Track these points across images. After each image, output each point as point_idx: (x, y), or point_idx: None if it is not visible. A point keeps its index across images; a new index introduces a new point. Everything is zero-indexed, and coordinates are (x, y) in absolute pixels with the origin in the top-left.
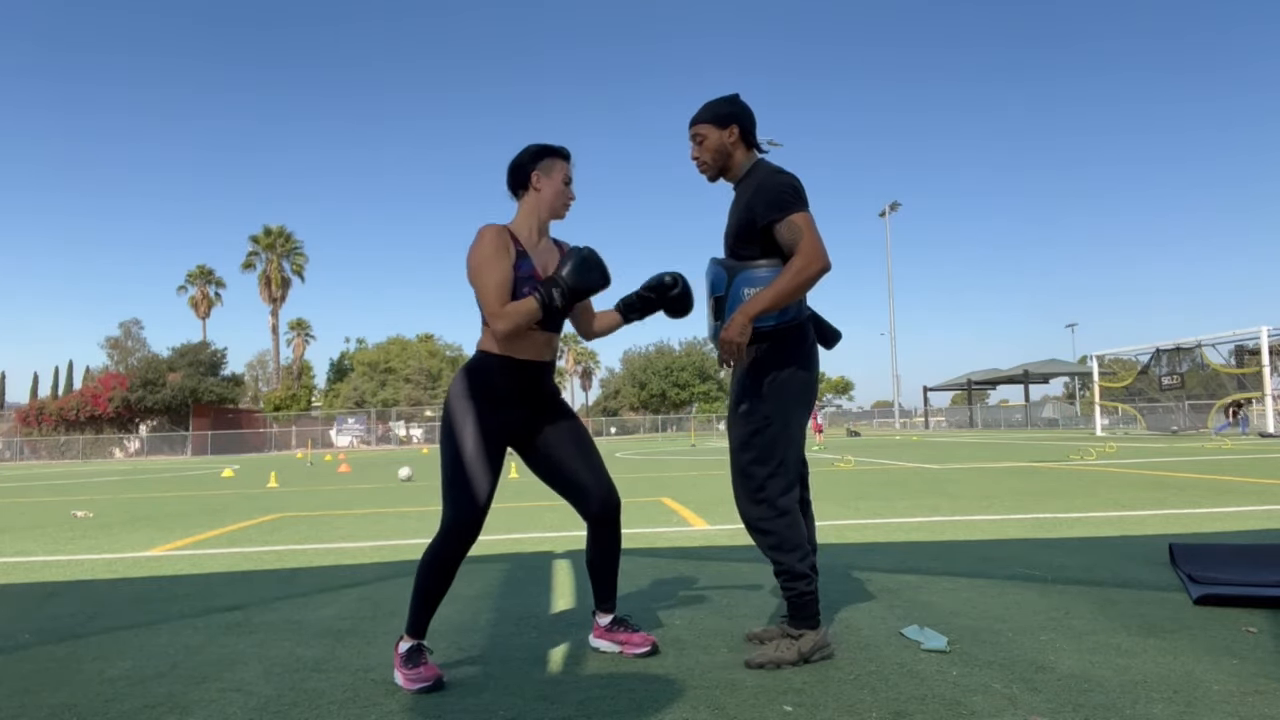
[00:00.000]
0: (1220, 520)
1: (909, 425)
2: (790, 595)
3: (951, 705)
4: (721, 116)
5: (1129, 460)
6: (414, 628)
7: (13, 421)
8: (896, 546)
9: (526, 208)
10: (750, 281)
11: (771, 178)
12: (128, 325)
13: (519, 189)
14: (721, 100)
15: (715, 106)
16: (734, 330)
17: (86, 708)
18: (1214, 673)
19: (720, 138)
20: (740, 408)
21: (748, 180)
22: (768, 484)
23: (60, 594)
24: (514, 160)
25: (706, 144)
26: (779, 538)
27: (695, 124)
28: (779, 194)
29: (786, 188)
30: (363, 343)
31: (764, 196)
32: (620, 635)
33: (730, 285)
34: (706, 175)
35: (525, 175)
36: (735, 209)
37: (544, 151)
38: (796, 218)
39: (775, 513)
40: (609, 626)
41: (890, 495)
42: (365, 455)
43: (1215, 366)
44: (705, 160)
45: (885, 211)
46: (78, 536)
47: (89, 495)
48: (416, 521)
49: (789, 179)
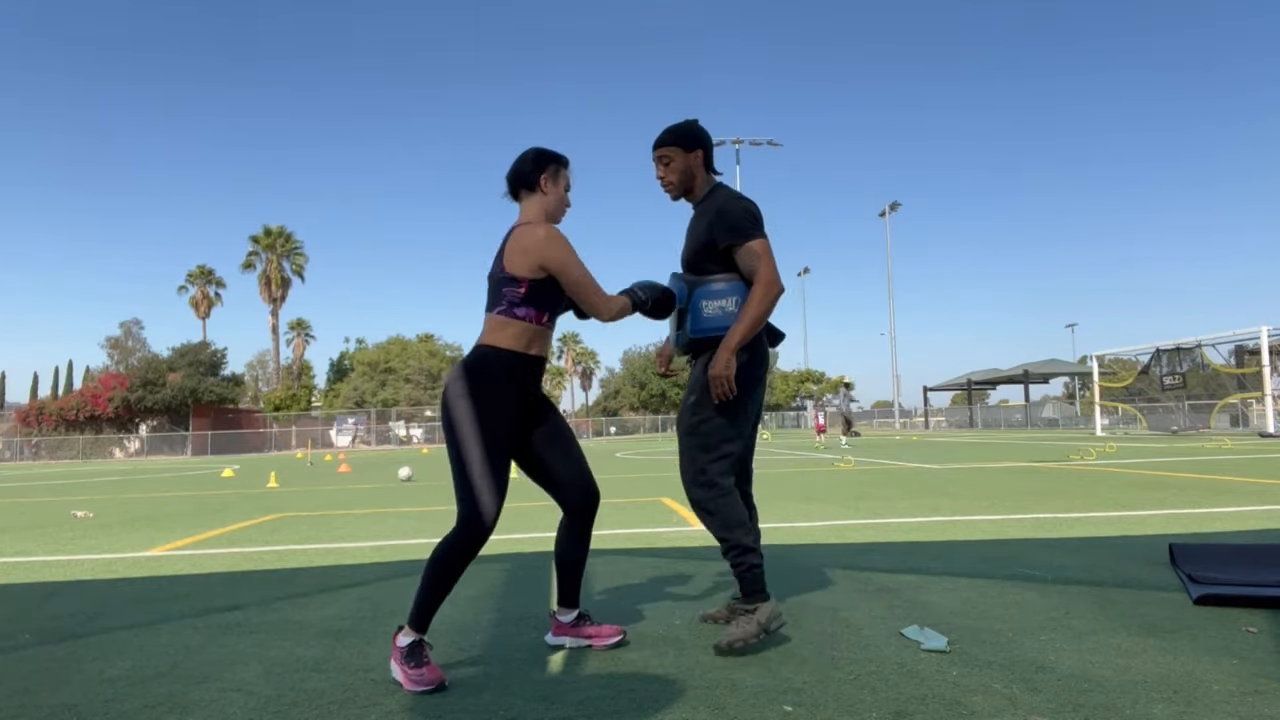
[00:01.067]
0: (1220, 520)
1: (909, 425)
2: (741, 570)
3: (951, 705)
4: (688, 140)
5: (1129, 460)
6: (418, 621)
7: (13, 421)
8: (896, 546)
9: (534, 209)
10: (709, 294)
11: (732, 203)
12: (128, 325)
13: (524, 190)
14: (686, 124)
15: (681, 130)
16: (720, 366)
17: (86, 708)
18: (1214, 673)
19: (687, 160)
20: (691, 399)
21: (708, 202)
22: (709, 468)
23: (60, 594)
24: (519, 162)
25: (673, 165)
26: (724, 516)
27: (662, 146)
28: (739, 220)
29: (746, 214)
30: (362, 343)
31: (725, 221)
32: (588, 629)
33: (690, 297)
34: (671, 195)
35: (533, 178)
36: (696, 229)
37: (550, 157)
38: (755, 244)
39: (719, 493)
40: (574, 622)
41: (890, 495)
42: (365, 455)
43: (1215, 366)
44: (672, 181)
45: (885, 211)
46: (78, 536)
47: (89, 495)
48: (417, 521)
49: (748, 205)
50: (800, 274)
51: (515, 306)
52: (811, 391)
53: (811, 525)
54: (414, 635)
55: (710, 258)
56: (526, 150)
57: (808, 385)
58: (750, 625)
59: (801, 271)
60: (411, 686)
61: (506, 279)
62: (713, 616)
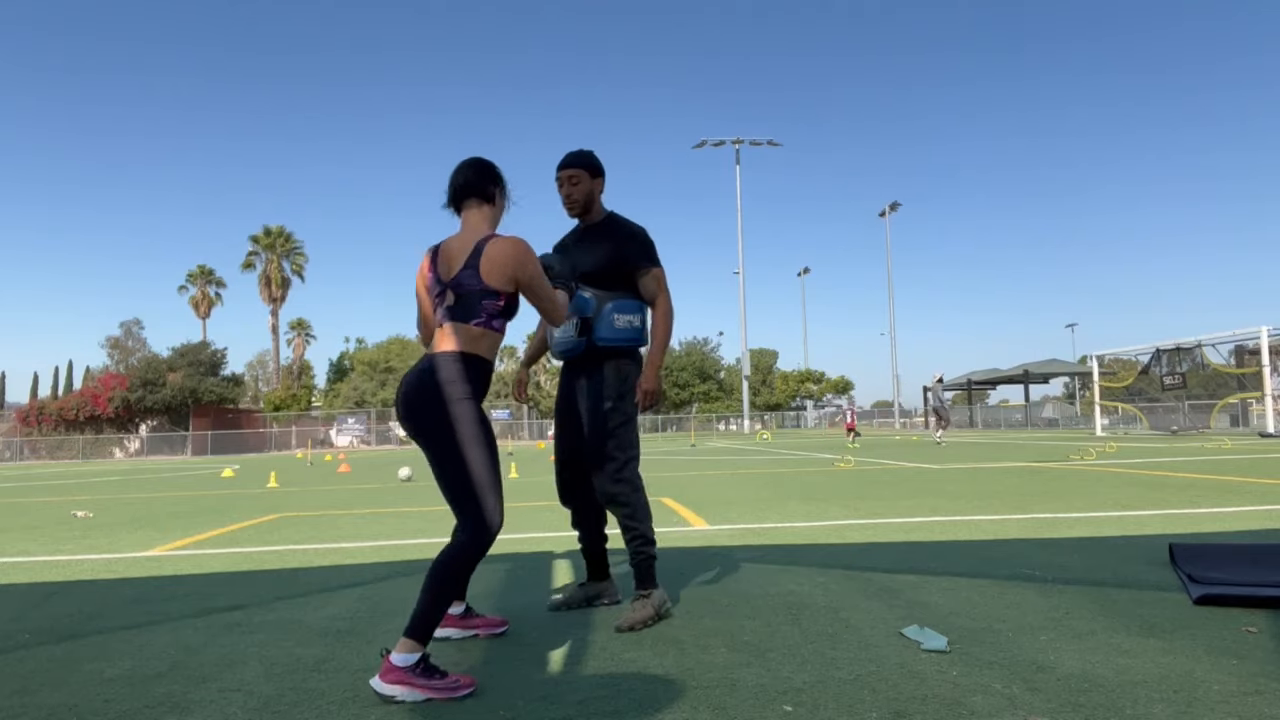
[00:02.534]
0: (1221, 520)
1: (909, 425)
2: (641, 559)
3: (951, 705)
4: (595, 168)
5: (1129, 460)
6: (425, 634)
7: (13, 421)
8: (896, 546)
9: (487, 219)
10: (622, 309)
11: (640, 232)
12: (128, 325)
13: (477, 199)
14: (591, 153)
15: (588, 158)
16: (654, 382)
17: (86, 708)
18: (1214, 673)
19: (592, 185)
20: (605, 405)
21: (607, 226)
22: (627, 466)
23: (60, 594)
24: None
25: (580, 187)
26: (634, 508)
27: (571, 167)
28: (649, 249)
29: (652, 244)
30: (362, 342)
31: (638, 247)
32: (474, 620)
33: (600, 309)
34: (572, 212)
35: (490, 190)
36: (596, 248)
37: (497, 169)
38: (659, 272)
39: (632, 488)
40: (462, 614)
41: (890, 495)
42: (365, 455)
43: (1216, 366)
44: (577, 199)
45: (885, 212)
46: (78, 536)
47: (89, 495)
48: (417, 521)
49: (648, 235)
50: (800, 274)
51: (494, 318)
52: (811, 392)
53: (811, 525)
54: (420, 649)
55: (617, 275)
56: (474, 160)
57: (807, 385)
58: (647, 609)
59: (801, 271)
60: (448, 695)
61: (487, 291)
62: (565, 603)
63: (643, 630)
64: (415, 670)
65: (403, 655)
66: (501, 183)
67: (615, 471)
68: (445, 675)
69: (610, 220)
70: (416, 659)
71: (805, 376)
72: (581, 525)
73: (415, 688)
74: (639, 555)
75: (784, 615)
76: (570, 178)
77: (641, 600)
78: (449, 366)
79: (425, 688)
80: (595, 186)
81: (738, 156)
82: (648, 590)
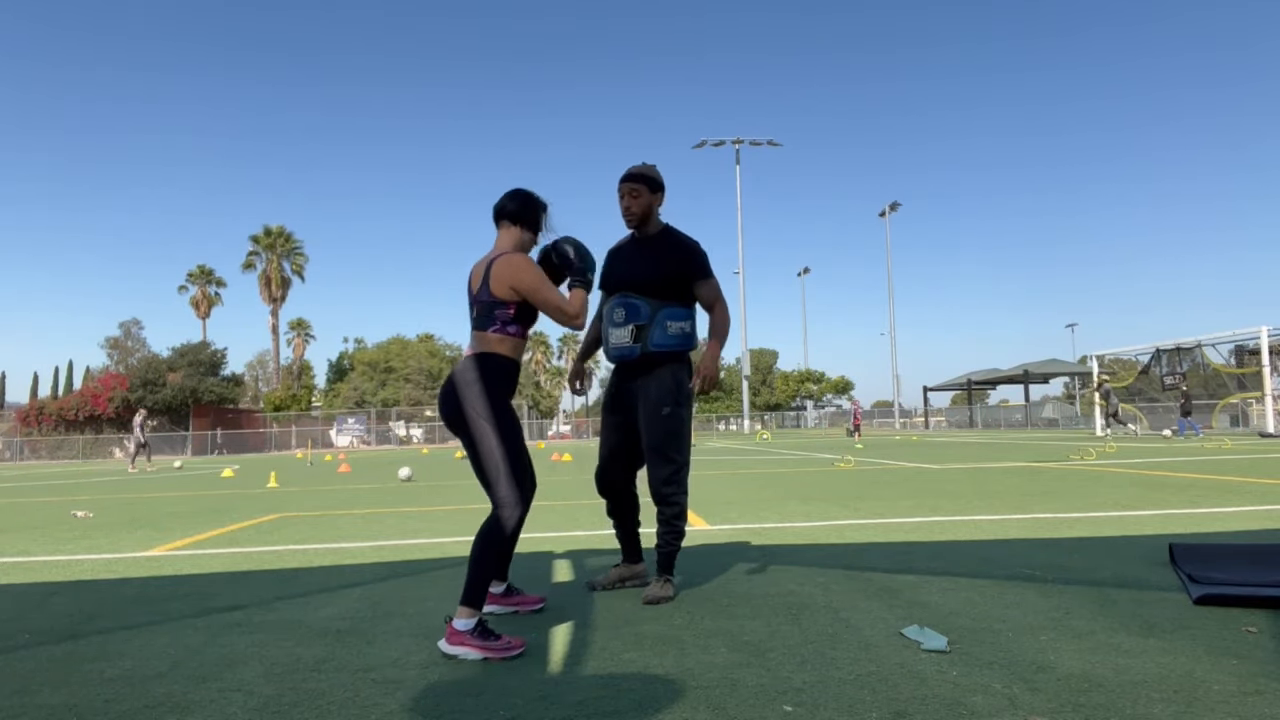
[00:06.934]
0: (1220, 520)
1: (909, 425)
2: (672, 550)
3: (951, 705)
4: (656, 184)
5: (1129, 460)
6: (477, 600)
7: (13, 421)
8: (896, 546)
9: (513, 239)
10: (675, 316)
11: (696, 245)
12: (128, 325)
13: (509, 221)
14: (653, 169)
15: (650, 173)
16: (716, 370)
17: (86, 708)
18: (1214, 673)
19: (651, 200)
20: (664, 410)
21: (664, 239)
22: (681, 470)
23: (60, 594)
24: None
25: (640, 200)
26: (681, 508)
27: (633, 181)
28: (705, 260)
29: (706, 256)
30: (362, 342)
31: (697, 260)
32: (515, 599)
33: (654, 316)
34: (630, 223)
35: (523, 218)
36: (654, 259)
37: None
38: (715, 281)
39: (682, 490)
40: (504, 593)
41: (890, 495)
42: (365, 455)
43: (1216, 366)
44: (636, 212)
45: (885, 212)
46: (78, 536)
47: (89, 495)
48: (416, 521)
49: (701, 247)
50: (800, 274)
51: (508, 325)
52: (811, 392)
53: (811, 525)
54: (477, 614)
55: (674, 286)
56: (518, 191)
57: (807, 385)
58: (669, 589)
59: (801, 271)
60: (502, 654)
61: (497, 303)
62: (601, 583)
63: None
64: (474, 633)
65: (463, 621)
66: (535, 213)
67: (672, 474)
68: (499, 637)
69: (668, 233)
70: (474, 623)
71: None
72: (616, 514)
73: (473, 648)
74: (670, 546)
75: (784, 615)
76: (631, 191)
77: (666, 581)
78: (467, 369)
79: (482, 648)
80: (654, 201)
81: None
82: (671, 576)
